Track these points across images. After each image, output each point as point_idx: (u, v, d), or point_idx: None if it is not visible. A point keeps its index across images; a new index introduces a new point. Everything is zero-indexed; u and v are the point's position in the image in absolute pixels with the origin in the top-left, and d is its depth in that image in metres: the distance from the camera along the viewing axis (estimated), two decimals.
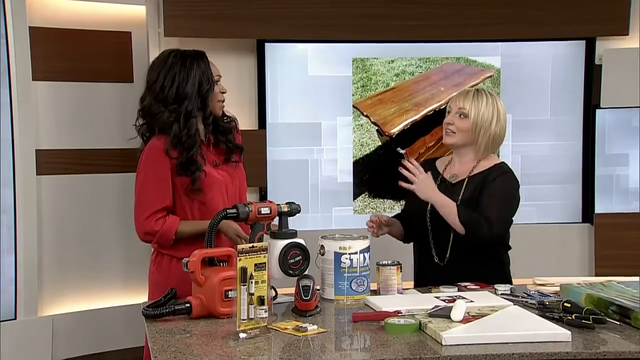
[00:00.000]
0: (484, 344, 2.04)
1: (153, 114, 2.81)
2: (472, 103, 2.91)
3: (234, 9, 4.18)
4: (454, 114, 2.94)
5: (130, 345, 4.20)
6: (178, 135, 2.76)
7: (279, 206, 2.54)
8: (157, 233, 2.73)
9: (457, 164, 3.00)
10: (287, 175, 4.41)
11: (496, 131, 2.93)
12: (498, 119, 2.92)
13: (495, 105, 2.93)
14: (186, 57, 2.83)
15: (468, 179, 2.93)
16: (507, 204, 2.90)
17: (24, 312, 4.01)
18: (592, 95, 4.48)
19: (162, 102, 2.79)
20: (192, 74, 2.80)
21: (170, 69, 2.81)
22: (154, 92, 2.81)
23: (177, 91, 2.79)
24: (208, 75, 2.84)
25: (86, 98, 4.27)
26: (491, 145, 2.95)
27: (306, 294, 2.39)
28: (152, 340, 2.16)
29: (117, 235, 4.34)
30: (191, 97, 2.79)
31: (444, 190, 2.90)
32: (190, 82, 2.80)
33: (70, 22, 4.22)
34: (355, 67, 4.43)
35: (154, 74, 2.83)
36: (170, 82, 2.79)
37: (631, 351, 2.03)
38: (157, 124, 2.80)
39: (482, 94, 2.94)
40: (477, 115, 2.90)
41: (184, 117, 2.78)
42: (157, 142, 2.79)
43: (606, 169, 4.53)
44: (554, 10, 4.39)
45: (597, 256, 4.49)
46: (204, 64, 2.84)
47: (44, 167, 4.12)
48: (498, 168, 2.96)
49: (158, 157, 2.76)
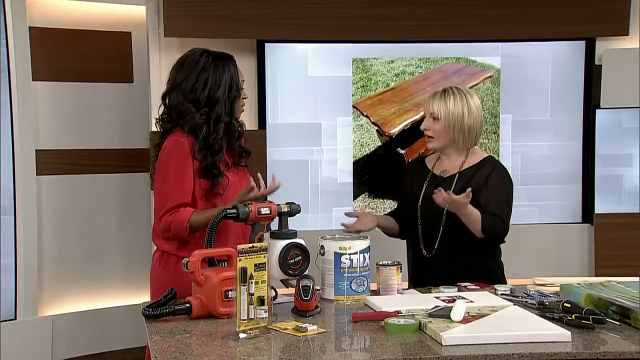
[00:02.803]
0: (483, 344, 2.04)
1: (183, 114, 2.77)
2: (439, 104, 2.96)
3: (234, 9, 4.18)
4: (428, 118, 2.99)
5: (130, 346, 4.21)
6: (207, 138, 2.75)
7: (279, 206, 2.54)
8: (171, 224, 2.70)
9: (446, 161, 3.05)
10: (287, 176, 4.39)
11: (470, 124, 2.96)
12: (469, 112, 2.96)
13: (464, 99, 2.96)
14: (218, 60, 2.82)
15: (459, 174, 2.98)
16: (510, 199, 2.98)
17: (24, 312, 4.02)
18: (592, 95, 4.48)
19: (193, 103, 2.77)
20: (223, 78, 2.79)
21: (203, 70, 2.78)
22: (183, 91, 2.78)
23: (209, 94, 2.77)
24: (237, 80, 2.84)
25: (86, 98, 4.28)
26: (469, 138, 2.99)
27: (306, 294, 2.39)
28: (152, 340, 2.16)
29: (117, 235, 4.35)
30: (222, 102, 2.79)
31: (434, 186, 2.93)
32: (222, 87, 2.79)
33: (70, 22, 4.23)
34: (355, 68, 4.43)
35: (184, 74, 2.80)
36: (203, 84, 2.77)
37: (631, 351, 2.03)
38: (187, 124, 2.76)
39: (449, 92, 2.97)
40: (447, 114, 2.94)
41: (214, 121, 2.77)
42: (183, 140, 2.76)
43: (606, 169, 4.53)
44: (554, 10, 4.38)
45: (597, 256, 4.49)
46: (233, 68, 2.84)
47: (44, 167, 4.13)
48: (489, 162, 3.02)
49: (184, 155, 2.74)
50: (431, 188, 2.96)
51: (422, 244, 3.00)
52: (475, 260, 2.91)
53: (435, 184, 2.97)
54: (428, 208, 2.95)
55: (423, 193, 3.00)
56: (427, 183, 3.02)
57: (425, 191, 3.00)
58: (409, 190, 3.10)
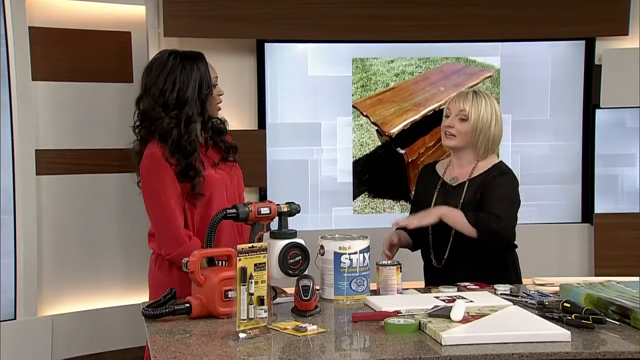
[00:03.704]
0: (483, 344, 2.04)
1: (153, 119, 2.77)
2: (472, 105, 2.92)
3: (233, 9, 4.18)
4: (454, 117, 2.95)
5: (130, 346, 4.20)
6: (177, 141, 2.74)
7: (278, 206, 2.54)
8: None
9: (457, 166, 3.02)
10: (287, 175, 4.41)
11: (495, 133, 2.95)
12: (496, 120, 2.95)
13: (492, 106, 2.95)
14: (186, 60, 2.80)
15: (469, 182, 2.95)
16: (510, 201, 2.92)
17: (23, 312, 4.01)
18: (592, 95, 4.48)
19: (162, 107, 2.76)
20: (192, 77, 2.77)
21: (171, 72, 2.77)
22: (153, 95, 2.77)
23: (178, 95, 2.76)
24: (207, 78, 2.81)
25: (86, 98, 4.27)
26: (491, 147, 2.97)
27: (306, 294, 2.39)
28: (152, 340, 2.16)
29: (117, 235, 4.34)
30: (191, 102, 2.77)
31: (445, 193, 2.92)
32: (191, 87, 2.77)
33: (70, 22, 4.22)
34: (355, 67, 4.43)
35: (153, 77, 2.79)
36: (171, 86, 2.76)
37: (631, 351, 2.03)
38: (157, 130, 2.76)
39: (481, 96, 2.95)
40: (478, 117, 2.91)
41: (185, 122, 2.76)
42: (154, 151, 2.76)
43: (606, 169, 4.52)
44: (553, 10, 4.39)
45: (597, 256, 4.49)
46: (203, 67, 2.82)
47: (44, 167, 4.12)
48: (497, 168, 2.98)
49: (159, 166, 2.74)
50: (441, 197, 2.96)
51: (433, 253, 2.98)
52: (487, 270, 2.87)
53: (445, 192, 2.96)
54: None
55: (434, 202, 2.99)
56: (437, 192, 3.01)
57: (436, 201, 2.99)
58: (421, 198, 3.09)
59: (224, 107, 2.98)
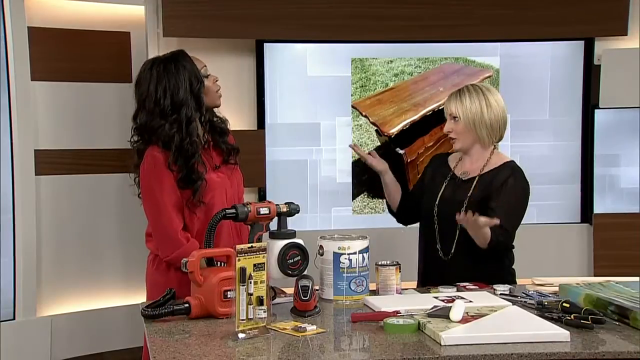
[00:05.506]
0: (482, 344, 2.04)
1: (153, 129, 2.75)
2: (456, 104, 2.93)
3: (233, 9, 4.18)
4: (449, 121, 2.97)
5: (129, 346, 4.21)
6: (180, 145, 2.73)
7: (278, 206, 2.53)
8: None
9: (468, 162, 3.02)
10: (286, 176, 4.41)
11: (491, 118, 2.92)
12: (488, 106, 2.92)
13: (480, 95, 2.93)
14: (169, 63, 2.79)
15: (479, 177, 2.94)
16: (517, 213, 2.92)
17: (22, 312, 4.02)
18: (591, 95, 4.48)
19: (160, 115, 2.75)
20: (180, 78, 2.76)
21: (159, 80, 2.76)
22: (148, 108, 2.76)
23: (172, 100, 2.75)
24: (195, 72, 2.81)
25: (85, 98, 4.28)
26: (492, 133, 2.95)
27: (305, 294, 2.39)
28: (151, 340, 2.16)
29: (116, 235, 4.35)
30: (187, 101, 2.76)
31: (454, 187, 2.93)
32: (182, 87, 2.76)
33: (69, 22, 4.22)
34: (354, 68, 4.44)
35: (143, 90, 2.78)
36: (163, 93, 2.74)
37: (630, 351, 2.03)
38: (161, 139, 2.74)
39: (464, 90, 2.95)
40: (465, 113, 2.92)
41: (185, 124, 2.76)
42: (156, 154, 2.74)
43: (605, 169, 4.53)
44: (553, 10, 4.39)
45: (596, 256, 4.49)
46: (188, 64, 2.81)
47: (43, 167, 4.12)
48: (509, 167, 2.97)
49: (160, 169, 2.72)
50: (450, 189, 2.95)
51: (439, 244, 2.98)
52: (488, 265, 2.86)
53: (454, 185, 2.96)
54: (445, 210, 2.90)
55: (441, 194, 2.99)
56: (446, 183, 3.01)
57: (444, 192, 2.99)
58: (427, 185, 3.08)
59: (223, 107, 2.97)
